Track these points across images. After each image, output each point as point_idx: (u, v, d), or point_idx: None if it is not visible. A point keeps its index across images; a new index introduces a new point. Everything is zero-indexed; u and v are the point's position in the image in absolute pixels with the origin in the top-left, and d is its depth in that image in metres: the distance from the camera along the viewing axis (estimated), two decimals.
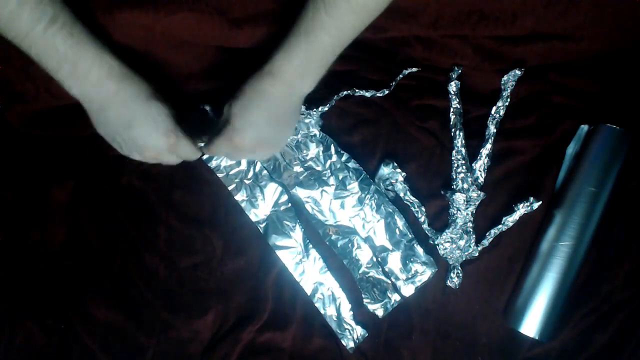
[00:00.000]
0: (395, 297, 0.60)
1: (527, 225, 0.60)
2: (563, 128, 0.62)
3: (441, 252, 0.61)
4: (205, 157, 0.64)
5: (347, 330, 0.60)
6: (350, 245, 0.62)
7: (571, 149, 0.61)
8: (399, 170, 0.61)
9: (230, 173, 0.64)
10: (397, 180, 0.61)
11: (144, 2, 0.53)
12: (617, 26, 0.58)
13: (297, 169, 0.64)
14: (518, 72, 0.62)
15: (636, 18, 0.58)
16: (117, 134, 0.50)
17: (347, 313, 0.60)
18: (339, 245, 0.62)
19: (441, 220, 0.62)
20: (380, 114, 0.64)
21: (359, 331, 0.60)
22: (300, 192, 0.63)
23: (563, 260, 0.56)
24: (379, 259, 0.61)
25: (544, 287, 0.56)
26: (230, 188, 0.64)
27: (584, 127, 0.61)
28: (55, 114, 0.66)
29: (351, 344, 0.59)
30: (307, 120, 0.63)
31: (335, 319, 0.60)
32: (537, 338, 0.56)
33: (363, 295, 0.61)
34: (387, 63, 0.65)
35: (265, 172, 0.64)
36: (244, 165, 0.64)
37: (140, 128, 0.48)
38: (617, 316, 0.58)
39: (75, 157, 0.67)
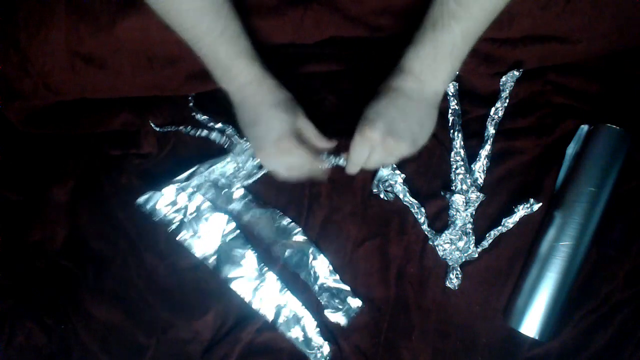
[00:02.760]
0: (357, 303, 0.60)
1: (527, 226, 0.60)
2: (563, 128, 0.62)
3: (440, 253, 0.61)
4: (140, 199, 0.63)
5: (315, 349, 0.59)
6: (305, 258, 0.61)
7: (571, 149, 0.61)
8: (398, 171, 0.61)
9: (167, 214, 0.63)
10: (396, 181, 0.61)
11: (139, 3, 0.53)
12: (615, 29, 0.59)
13: (240, 192, 0.64)
14: (516, 73, 0.62)
15: (634, 21, 0.58)
16: (246, 128, 0.56)
17: (312, 331, 0.60)
18: (294, 262, 0.61)
19: (441, 220, 0.62)
20: None
21: (326, 349, 0.59)
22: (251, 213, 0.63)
23: (563, 260, 0.56)
24: (334, 267, 0.61)
25: (544, 287, 0.56)
26: (170, 229, 0.63)
27: (584, 127, 0.61)
28: (54, 111, 0.66)
29: None
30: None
31: (302, 339, 0.60)
32: (537, 338, 0.56)
33: (324, 306, 0.60)
34: (386, 63, 0.65)
35: (207, 204, 0.63)
36: (181, 202, 0.63)
37: (260, 129, 0.54)
38: (617, 316, 0.58)
39: (75, 156, 0.67)
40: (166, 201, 0.63)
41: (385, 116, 0.50)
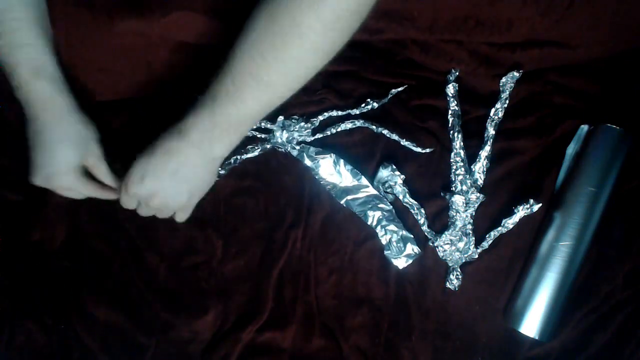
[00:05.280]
0: (416, 249, 0.61)
1: (527, 226, 0.60)
2: (563, 128, 0.62)
3: (440, 254, 0.61)
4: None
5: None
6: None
7: (571, 149, 0.61)
8: (397, 172, 0.61)
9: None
10: (396, 182, 0.61)
11: (140, 7, 0.53)
12: (613, 34, 0.59)
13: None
14: (516, 74, 0.62)
15: (632, 27, 0.58)
16: (30, 148, 0.52)
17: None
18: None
19: (441, 221, 0.62)
20: (380, 113, 0.64)
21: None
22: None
23: (563, 261, 0.56)
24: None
25: (544, 287, 0.56)
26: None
27: (584, 127, 0.61)
28: None
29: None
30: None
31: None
32: (537, 338, 0.56)
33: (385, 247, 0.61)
34: (386, 63, 0.66)
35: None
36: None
37: (37, 157, 0.51)
38: (617, 316, 0.58)
39: None
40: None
41: (154, 176, 0.49)
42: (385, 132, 0.62)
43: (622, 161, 0.58)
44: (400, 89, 0.64)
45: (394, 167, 0.61)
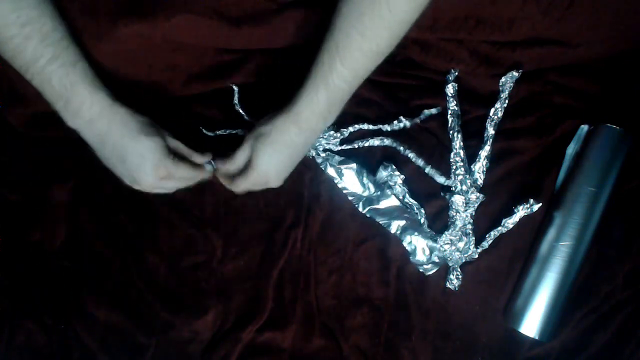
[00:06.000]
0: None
1: (527, 226, 0.60)
2: (563, 128, 0.62)
3: (440, 253, 0.61)
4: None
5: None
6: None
7: (571, 149, 0.61)
8: (397, 172, 0.61)
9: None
10: (395, 182, 0.61)
11: (143, 10, 0.54)
12: (614, 34, 0.59)
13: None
14: (516, 73, 0.62)
15: (633, 26, 0.58)
16: (115, 167, 0.53)
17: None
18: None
19: (441, 220, 0.62)
20: (380, 113, 0.64)
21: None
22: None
23: (563, 261, 0.56)
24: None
25: (544, 287, 0.56)
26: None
27: (584, 127, 0.61)
28: (55, 115, 0.66)
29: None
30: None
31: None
32: (537, 338, 0.56)
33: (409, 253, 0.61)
34: (386, 64, 0.65)
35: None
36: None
37: (132, 162, 0.51)
38: (617, 316, 0.58)
39: (75, 157, 0.67)
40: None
41: (278, 170, 0.54)
42: (411, 155, 0.61)
43: (622, 161, 0.58)
44: (434, 110, 0.63)
45: (394, 167, 0.61)
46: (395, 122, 0.62)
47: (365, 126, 0.63)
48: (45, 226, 0.65)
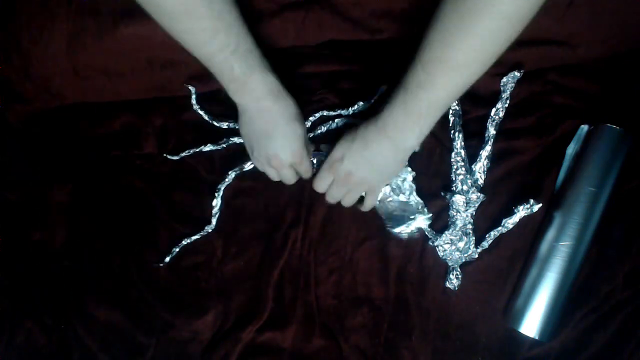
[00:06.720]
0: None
1: (527, 226, 0.60)
2: (563, 128, 0.62)
3: (440, 253, 0.61)
4: None
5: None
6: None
7: (571, 149, 0.61)
8: (409, 168, 0.61)
9: None
10: (405, 179, 0.61)
11: (144, 11, 0.54)
12: (614, 33, 0.59)
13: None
14: (517, 74, 0.62)
15: (633, 26, 0.58)
16: (256, 140, 0.57)
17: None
18: None
19: (441, 220, 0.62)
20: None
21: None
22: None
23: (563, 261, 0.56)
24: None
25: (544, 287, 0.56)
26: None
27: (584, 127, 0.61)
28: (55, 115, 0.66)
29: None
30: None
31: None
32: (537, 338, 0.56)
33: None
34: (386, 64, 0.66)
35: None
36: None
37: (277, 140, 0.56)
38: (617, 316, 0.58)
39: (76, 157, 0.67)
40: None
41: (351, 159, 0.55)
42: (344, 112, 0.63)
43: (622, 161, 0.58)
44: (382, 88, 0.64)
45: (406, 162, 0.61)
46: (355, 107, 0.64)
47: (325, 113, 0.64)
48: (45, 226, 0.65)
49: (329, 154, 0.58)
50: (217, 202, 0.63)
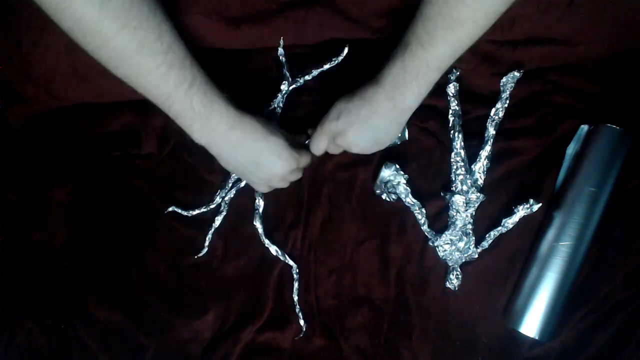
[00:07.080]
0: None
1: (527, 226, 0.60)
2: (563, 128, 0.62)
3: (440, 253, 0.61)
4: None
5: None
6: None
7: (571, 149, 0.61)
8: (401, 172, 0.61)
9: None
10: (399, 182, 0.61)
11: None
12: (614, 32, 0.59)
13: None
14: (517, 73, 0.62)
15: (633, 25, 0.58)
16: (245, 172, 0.56)
17: None
18: None
19: (441, 221, 0.62)
20: None
21: None
22: None
23: (563, 261, 0.56)
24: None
25: (544, 287, 0.56)
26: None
27: (584, 127, 0.61)
28: (55, 115, 0.66)
29: None
30: None
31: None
32: (537, 338, 0.56)
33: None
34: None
35: None
36: None
37: (265, 162, 0.54)
38: (617, 316, 0.58)
39: (76, 157, 0.67)
40: None
41: (347, 117, 0.53)
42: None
43: (622, 161, 0.58)
44: (346, 49, 0.63)
45: (397, 166, 0.61)
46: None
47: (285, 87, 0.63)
48: (45, 226, 0.65)
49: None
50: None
